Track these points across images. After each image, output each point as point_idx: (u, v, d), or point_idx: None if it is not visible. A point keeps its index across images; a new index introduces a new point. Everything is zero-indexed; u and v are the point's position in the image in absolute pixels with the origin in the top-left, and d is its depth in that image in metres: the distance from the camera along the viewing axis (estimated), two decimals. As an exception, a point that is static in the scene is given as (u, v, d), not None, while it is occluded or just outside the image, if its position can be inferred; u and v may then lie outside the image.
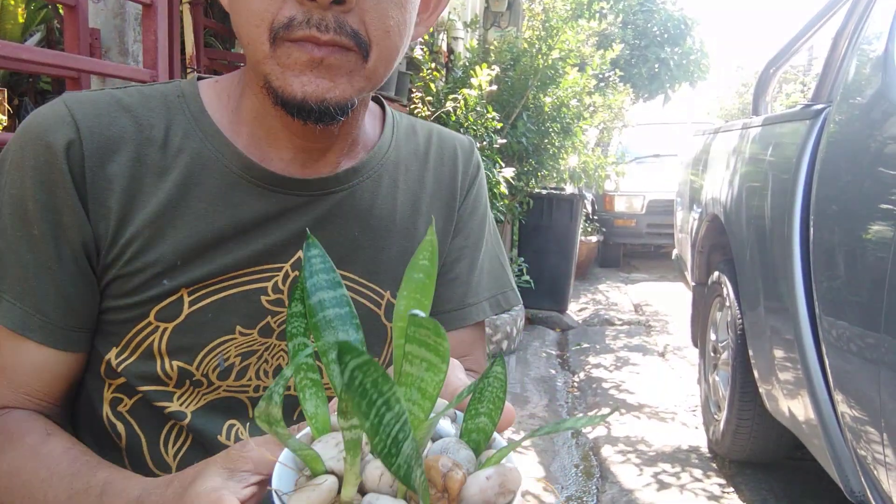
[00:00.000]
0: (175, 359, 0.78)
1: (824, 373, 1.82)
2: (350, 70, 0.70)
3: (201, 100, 0.80)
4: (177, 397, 0.80)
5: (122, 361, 0.78)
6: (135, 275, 0.75)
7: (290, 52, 0.68)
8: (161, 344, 0.78)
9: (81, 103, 0.76)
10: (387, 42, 0.71)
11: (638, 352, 4.70)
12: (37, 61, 1.77)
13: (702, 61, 12.83)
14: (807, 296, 1.90)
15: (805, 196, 1.95)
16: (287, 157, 0.80)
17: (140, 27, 2.09)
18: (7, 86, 2.79)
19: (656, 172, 8.38)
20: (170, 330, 0.77)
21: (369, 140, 0.89)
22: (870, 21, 1.98)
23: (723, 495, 2.61)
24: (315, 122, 0.72)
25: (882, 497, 1.61)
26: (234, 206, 0.78)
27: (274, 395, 0.42)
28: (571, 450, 3.10)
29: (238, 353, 0.81)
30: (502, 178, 4.20)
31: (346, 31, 0.68)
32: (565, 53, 4.82)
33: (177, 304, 0.77)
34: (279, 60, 0.69)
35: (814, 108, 2.05)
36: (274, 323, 0.81)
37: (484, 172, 1.00)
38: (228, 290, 0.79)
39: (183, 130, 0.78)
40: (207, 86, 0.83)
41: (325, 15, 0.67)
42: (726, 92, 22.40)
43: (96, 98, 0.77)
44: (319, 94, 0.69)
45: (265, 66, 0.70)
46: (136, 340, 0.77)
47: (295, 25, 0.67)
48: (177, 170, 0.77)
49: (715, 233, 3.06)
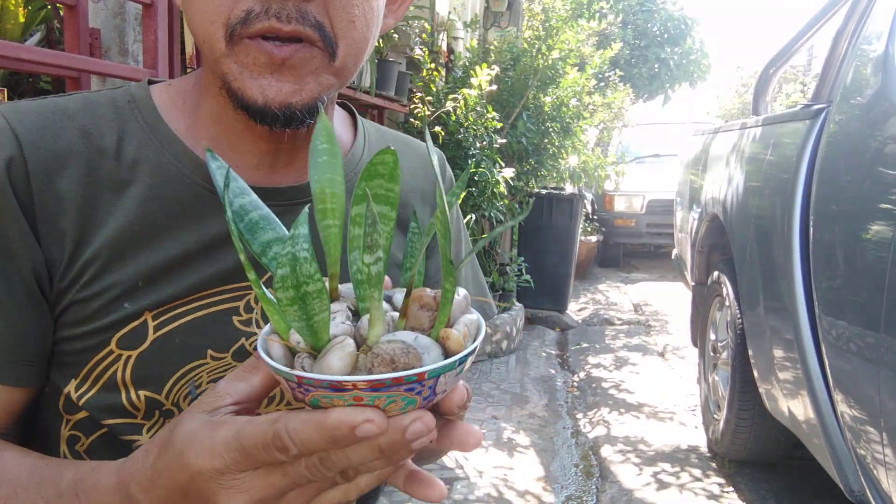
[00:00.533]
0: (142, 388, 0.71)
1: (824, 372, 1.82)
2: (316, 68, 0.66)
3: (154, 105, 0.74)
4: (146, 429, 0.73)
5: (82, 394, 0.71)
6: (93, 299, 0.68)
7: (248, 51, 0.63)
8: (125, 373, 0.70)
9: (21, 114, 0.69)
10: (353, 34, 0.67)
11: (637, 351, 4.70)
12: (37, 61, 1.77)
13: (702, 61, 12.84)
14: (806, 295, 1.90)
15: (805, 196, 1.95)
16: (253, 163, 0.74)
17: (140, 27, 2.09)
18: (7, 86, 2.79)
19: (656, 172, 8.38)
20: (133, 358, 0.70)
21: (341, 144, 0.84)
22: (870, 21, 1.98)
23: (722, 495, 2.61)
24: (281, 128, 0.66)
25: (882, 496, 1.61)
26: (200, 220, 0.72)
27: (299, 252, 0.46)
28: (571, 449, 3.10)
29: (211, 380, 0.74)
30: (502, 178, 4.20)
31: (308, 21, 0.63)
32: (565, 53, 4.83)
33: (140, 330, 0.70)
34: (237, 59, 0.64)
35: (814, 108, 2.05)
36: (249, 345, 0.75)
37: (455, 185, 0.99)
38: (197, 312, 0.72)
39: (137, 140, 0.72)
40: (160, 90, 0.77)
41: (285, 4, 0.62)
42: (726, 92, 22.39)
43: (38, 107, 0.70)
44: (283, 98, 0.64)
45: (222, 65, 0.65)
46: (97, 371, 0.70)
47: (252, 18, 0.62)
48: (135, 183, 0.70)
49: (715, 233, 3.06)
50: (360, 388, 0.45)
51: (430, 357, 0.48)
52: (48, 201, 0.67)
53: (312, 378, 0.45)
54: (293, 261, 0.45)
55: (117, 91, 0.75)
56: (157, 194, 0.71)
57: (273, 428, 0.46)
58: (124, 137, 0.71)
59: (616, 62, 10.21)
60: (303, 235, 0.45)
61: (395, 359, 0.47)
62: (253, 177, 0.74)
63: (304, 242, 0.45)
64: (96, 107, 0.72)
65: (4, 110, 0.69)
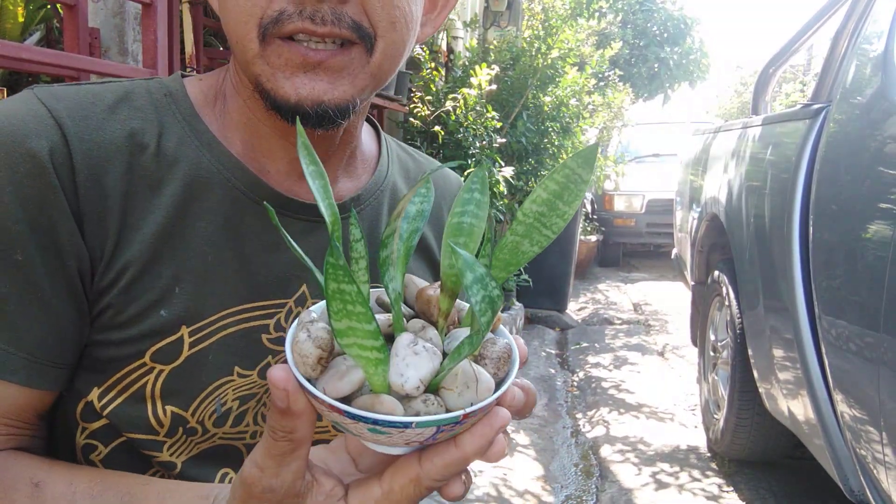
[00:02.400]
0: (169, 403, 0.69)
1: (824, 372, 1.82)
2: (353, 68, 0.64)
3: (190, 100, 0.71)
4: (167, 447, 0.71)
5: (107, 403, 0.68)
6: (130, 303, 0.66)
7: (281, 52, 0.62)
8: (155, 387, 0.68)
9: (61, 100, 0.65)
10: (393, 35, 0.64)
11: (637, 351, 4.70)
12: (36, 61, 1.77)
13: (701, 61, 12.83)
14: (806, 295, 1.90)
15: (804, 195, 1.95)
16: (283, 169, 0.72)
17: (140, 26, 2.09)
18: (6, 85, 2.78)
19: (656, 172, 8.38)
20: (166, 372, 0.68)
21: (367, 155, 0.82)
22: (869, 20, 1.98)
23: (722, 494, 2.61)
24: (313, 128, 0.64)
25: (881, 496, 1.61)
26: (237, 230, 0.70)
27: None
28: (571, 449, 3.10)
29: (236, 397, 0.72)
30: (502, 177, 4.20)
31: (345, 23, 0.61)
32: (565, 53, 4.83)
33: (176, 345, 0.68)
34: (268, 60, 0.62)
35: (813, 108, 2.05)
36: (274, 362, 0.73)
37: None
38: (230, 329, 0.70)
39: (177, 137, 0.69)
40: (193, 84, 0.74)
41: (320, 7, 0.60)
42: (726, 91, 22.39)
43: (77, 95, 0.66)
44: (316, 96, 0.62)
45: (255, 66, 0.63)
46: (127, 381, 0.68)
47: (284, 19, 0.60)
48: (173, 183, 0.67)
49: (714, 232, 3.06)
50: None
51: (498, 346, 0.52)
52: (93, 197, 0.64)
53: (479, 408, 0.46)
54: (492, 303, 0.44)
55: (151, 83, 0.72)
56: (195, 196, 0.68)
57: (419, 486, 0.49)
58: (163, 133, 0.68)
59: (616, 62, 10.21)
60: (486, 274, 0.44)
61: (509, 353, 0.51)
62: (283, 184, 0.72)
63: (489, 280, 0.44)
64: (134, 98, 0.69)
65: (42, 95, 0.65)
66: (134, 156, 0.66)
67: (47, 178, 0.61)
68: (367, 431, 0.46)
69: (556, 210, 0.49)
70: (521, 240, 0.50)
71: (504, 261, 0.51)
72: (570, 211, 0.49)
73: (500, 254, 0.51)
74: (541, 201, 0.49)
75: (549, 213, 0.49)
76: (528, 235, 0.50)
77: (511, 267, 0.51)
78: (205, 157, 0.69)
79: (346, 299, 0.44)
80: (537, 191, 0.49)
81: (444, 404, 0.47)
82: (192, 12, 3.07)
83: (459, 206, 0.52)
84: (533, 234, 0.50)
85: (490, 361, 0.50)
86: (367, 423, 0.45)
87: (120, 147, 0.66)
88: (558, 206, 0.49)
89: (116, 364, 0.67)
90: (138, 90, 0.70)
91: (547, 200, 0.49)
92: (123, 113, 0.67)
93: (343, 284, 0.43)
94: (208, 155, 0.69)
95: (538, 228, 0.50)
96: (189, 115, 0.70)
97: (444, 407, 0.47)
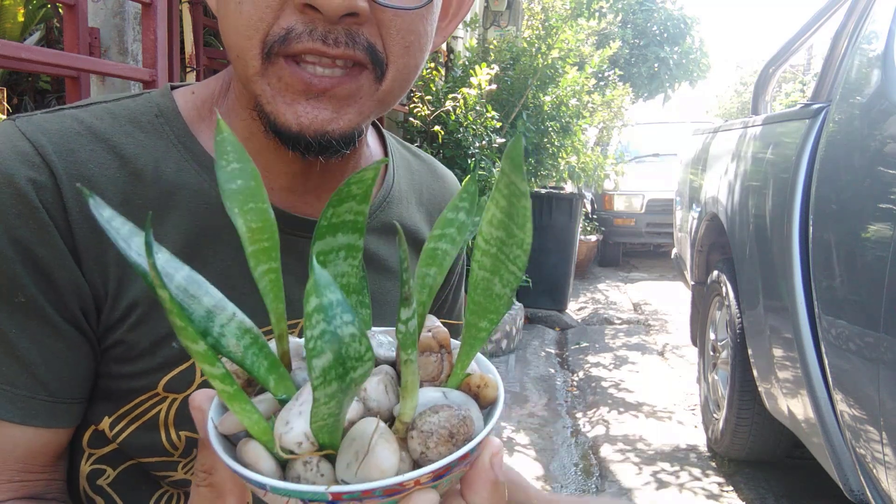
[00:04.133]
0: (182, 429, 0.67)
1: (823, 372, 1.82)
2: (360, 95, 0.59)
3: (182, 119, 0.67)
4: (182, 466, 0.70)
5: (119, 432, 0.67)
6: (141, 339, 0.64)
7: (282, 74, 0.57)
8: (168, 414, 0.67)
9: (45, 133, 0.61)
10: (406, 60, 0.60)
11: (637, 351, 4.70)
12: (36, 60, 1.77)
13: (701, 60, 12.84)
14: (806, 295, 1.90)
15: (804, 195, 1.95)
16: (285, 185, 0.68)
17: (139, 26, 2.09)
18: (6, 85, 2.78)
19: (656, 172, 8.38)
20: (179, 400, 0.67)
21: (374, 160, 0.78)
22: (869, 20, 1.98)
23: (721, 494, 2.62)
24: (315, 156, 0.61)
25: (881, 496, 1.61)
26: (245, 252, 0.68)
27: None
28: (571, 449, 3.10)
29: None
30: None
31: (360, 44, 0.57)
32: (565, 53, 4.83)
33: (188, 373, 0.66)
34: (269, 80, 0.58)
35: (813, 108, 2.05)
36: None
37: None
38: None
39: (175, 162, 0.65)
40: (185, 99, 0.69)
41: (334, 27, 0.56)
42: (726, 91, 22.39)
43: (61, 126, 0.62)
44: (319, 125, 0.58)
45: (255, 85, 0.59)
46: (140, 410, 0.66)
47: (293, 38, 0.56)
48: (175, 210, 0.64)
49: (714, 232, 3.06)
50: (422, 483, 0.37)
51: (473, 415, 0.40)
52: (88, 234, 0.60)
53: (359, 490, 0.35)
54: (335, 342, 0.33)
55: (139, 101, 0.67)
56: (199, 223, 0.64)
57: None
58: (159, 158, 0.64)
59: (616, 61, 10.22)
60: (338, 302, 0.33)
61: (454, 432, 0.38)
62: (284, 200, 0.68)
63: (343, 313, 0.33)
64: (121, 122, 0.65)
65: (25, 129, 0.61)
66: (129, 185, 0.63)
67: (40, 217, 0.59)
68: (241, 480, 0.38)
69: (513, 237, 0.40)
70: (492, 277, 0.41)
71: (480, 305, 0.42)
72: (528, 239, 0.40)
73: (473, 294, 0.42)
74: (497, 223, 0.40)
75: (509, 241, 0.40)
76: (498, 272, 0.41)
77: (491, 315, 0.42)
78: (204, 182, 0.65)
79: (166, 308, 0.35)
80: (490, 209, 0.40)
81: (329, 473, 0.38)
82: (192, 12, 3.07)
83: (439, 228, 0.45)
84: (501, 270, 0.41)
85: (418, 434, 0.38)
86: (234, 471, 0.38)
87: (113, 178, 0.62)
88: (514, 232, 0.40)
89: (129, 395, 0.66)
90: (125, 113, 0.66)
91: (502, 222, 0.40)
92: (113, 139, 0.63)
93: (159, 290, 0.35)
94: (207, 178, 0.65)
95: (504, 263, 0.41)
96: (183, 136, 0.66)
97: (327, 476, 0.37)
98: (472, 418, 0.39)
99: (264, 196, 0.43)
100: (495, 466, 0.40)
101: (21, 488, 0.63)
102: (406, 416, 0.39)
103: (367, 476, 0.36)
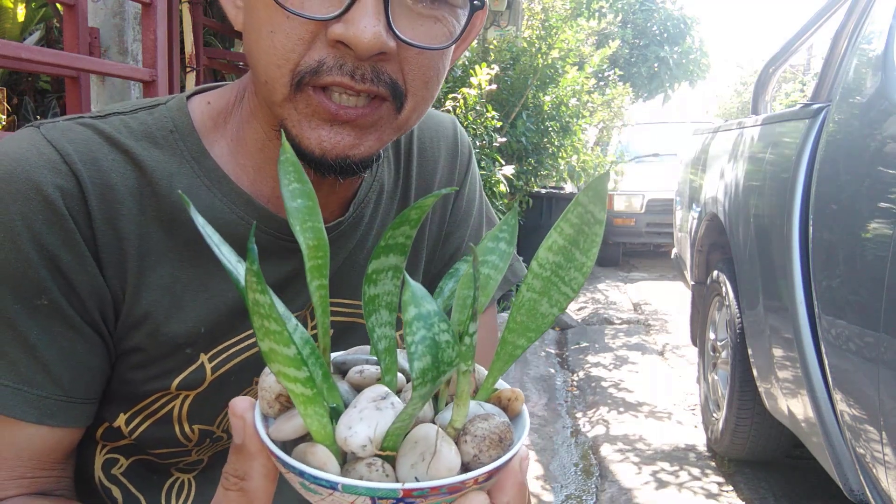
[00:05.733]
0: (196, 423, 0.71)
1: (823, 372, 1.82)
2: (381, 124, 0.63)
3: (197, 134, 0.69)
4: (195, 451, 0.74)
5: (135, 427, 0.70)
6: (157, 347, 0.67)
7: (310, 101, 0.60)
8: (181, 410, 0.70)
9: (71, 142, 0.63)
10: (424, 93, 0.64)
11: (637, 351, 4.70)
12: (36, 60, 1.77)
13: (701, 60, 12.85)
14: (806, 295, 1.90)
15: (804, 195, 1.95)
16: None
17: (139, 26, 2.09)
18: (6, 85, 2.79)
19: (655, 171, 8.38)
20: (191, 397, 0.70)
21: None
22: (869, 20, 1.98)
23: (721, 493, 2.62)
24: (334, 177, 0.63)
25: (881, 496, 1.61)
26: None
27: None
28: (571, 449, 3.11)
29: None
30: (502, 176, 4.20)
31: (384, 81, 0.60)
32: (564, 52, 4.83)
33: (199, 372, 0.69)
34: (297, 106, 0.60)
35: (813, 108, 2.05)
36: None
37: (471, 150, 0.92)
38: (250, 350, 0.71)
39: (187, 178, 0.67)
40: (200, 110, 0.71)
41: (362, 63, 0.58)
42: (726, 91, 22.40)
43: (84, 135, 0.65)
44: (341, 150, 0.61)
45: (282, 110, 0.61)
46: (154, 407, 0.70)
47: (324, 71, 0.58)
48: (185, 223, 0.66)
49: (714, 232, 3.06)
50: (479, 482, 0.40)
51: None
52: (110, 241, 0.63)
53: (428, 486, 0.38)
54: (434, 347, 0.36)
55: (155, 115, 0.69)
56: None
57: None
58: (173, 174, 0.67)
59: (616, 61, 10.22)
60: (436, 313, 0.37)
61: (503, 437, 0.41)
62: None
63: (440, 321, 0.37)
64: (137, 136, 0.67)
65: (51, 137, 0.63)
66: (145, 197, 0.66)
67: (66, 225, 0.61)
68: (298, 485, 0.41)
69: (573, 261, 0.42)
70: (540, 298, 0.43)
71: (522, 324, 0.44)
72: (589, 263, 0.43)
73: (516, 315, 0.44)
74: (557, 249, 0.42)
75: (567, 265, 0.43)
76: (547, 293, 0.43)
77: (531, 333, 0.45)
78: (217, 200, 0.68)
79: (261, 312, 0.37)
80: (552, 236, 0.43)
81: (392, 473, 0.40)
82: (192, 12, 3.07)
83: (481, 255, 0.48)
84: (551, 291, 0.43)
85: (472, 439, 0.41)
86: (296, 475, 0.40)
87: (131, 189, 0.65)
88: (575, 257, 0.42)
89: (144, 396, 0.69)
90: (142, 128, 0.68)
91: (563, 248, 0.42)
92: (132, 151, 0.66)
93: (257, 294, 0.36)
94: (220, 195, 0.68)
95: (556, 285, 0.43)
96: (197, 152, 0.68)
97: (391, 476, 0.40)
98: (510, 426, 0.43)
99: (319, 216, 0.46)
100: (523, 470, 0.44)
101: (31, 485, 0.64)
102: (458, 423, 0.42)
103: (436, 474, 0.39)
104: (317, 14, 0.57)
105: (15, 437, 0.63)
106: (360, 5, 0.56)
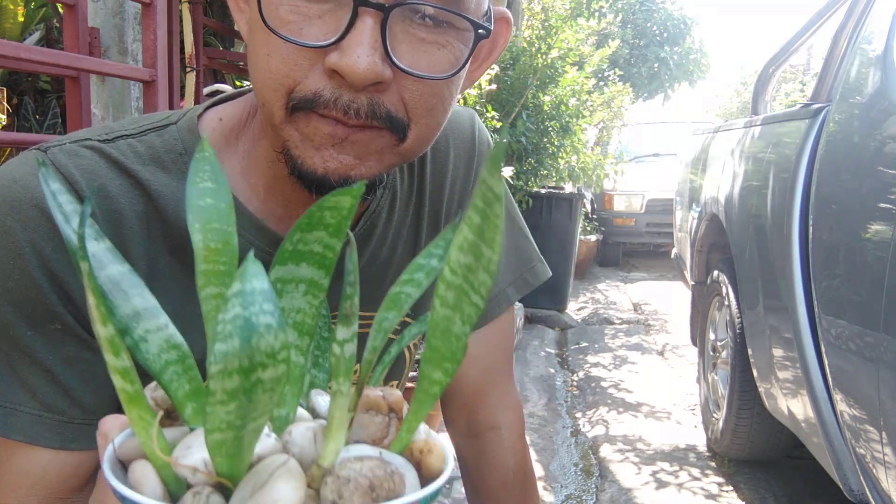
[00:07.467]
0: None
1: (823, 372, 1.82)
2: (381, 149, 0.61)
3: None
4: None
5: None
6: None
7: (310, 120, 0.58)
8: None
9: (78, 168, 0.62)
10: (428, 120, 0.61)
11: (637, 351, 4.70)
12: (36, 60, 1.77)
13: (701, 60, 12.85)
14: (806, 295, 1.90)
15: (804, 195, 1.95)
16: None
17: (139, 26, 2.09)
18: (6, 85, 2.78)
19: (655, 171, 8.38)
20: None
21: None
22: (869, 20, 1.98)
23: (721, 494, 2.62)
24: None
25: (881, 496, 1.61)
26: None
27: None
28: (570, 449, 3.11)
29: None
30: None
31: (379, 115, 0.58)
32: (564, 52, 4.83)
33: None
34: (297, 126, 0.59)
35: (813, 108, 2.05)
36: None
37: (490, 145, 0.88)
38: None
39: None
40: (212, 127, 0.70)
41: (357, 97, 0.56)
42: (726, 91, 22.39)
43: (90, 159, 0.63)
44: (343, 171, 0.59)
45: (282, 131, 0.60)
46: None
47: (321, 103, 0.57)
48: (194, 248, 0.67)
49: (714, 232, 3.06)
50: None
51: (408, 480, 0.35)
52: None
53: None
54: (246, 329, 0.28)
55: (164, 137, 0.67)
56: None
57: None
58: (181, 200, 0.64)
59: (615, 61, 10.22)
60: (262, 291, 0.29)
61: (375, 484, 0.32)
62: None
63: (264, 302, 0.28)
64: (146, 161, 0.66)
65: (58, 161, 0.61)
66: (152, 222, 0.65)
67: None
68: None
69: (481, 259, 0.32)
70: (453, 315, 0.34)
71: (437, 351, 0.35)
72: (495, 257, 0.32)
73: (431, 339, 0.35)
74: (468, 246, 0.33)
75: (476, 266, 0.33)
76: (459, 307, 0.34)
77: (447, 363, 0.35)
78: None
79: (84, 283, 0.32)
80: (463, 230, 0.33)
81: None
82: (192, 11, 3.07)
83: (408, 273, 0.43)
84: (463, 304, 0.34)
85: (334, 481, 0.32)
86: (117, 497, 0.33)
87: (139, 214, 0.64)
88: (483, 253, 0.32)
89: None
90: (150, 152, 0.66)
91: (473, 244, 0.33)
92: (139, 175, 0.65)
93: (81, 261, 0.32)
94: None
95: (467, 294, 0.33)
96: None
97: None
98: (403, 476, 0.34)
99: (233, 222, 0.41)
100: None
101: None
102: (326, 461, 0.33)
103: None
104: (314, 41, 0.55)
105: (31, 466, 0.62)
106: (356, 32, 0.54)
